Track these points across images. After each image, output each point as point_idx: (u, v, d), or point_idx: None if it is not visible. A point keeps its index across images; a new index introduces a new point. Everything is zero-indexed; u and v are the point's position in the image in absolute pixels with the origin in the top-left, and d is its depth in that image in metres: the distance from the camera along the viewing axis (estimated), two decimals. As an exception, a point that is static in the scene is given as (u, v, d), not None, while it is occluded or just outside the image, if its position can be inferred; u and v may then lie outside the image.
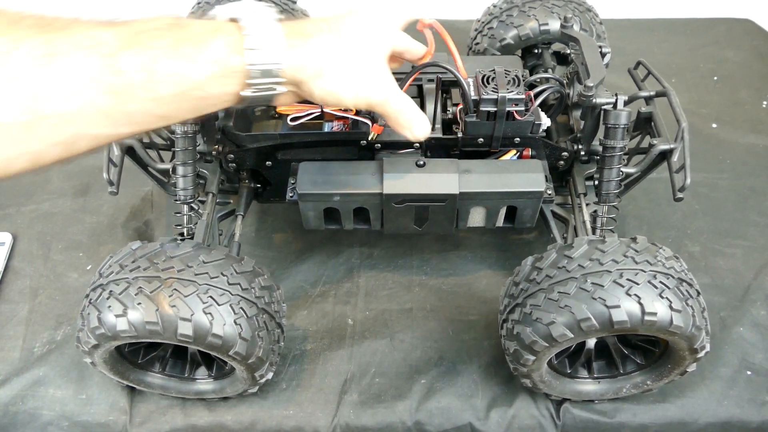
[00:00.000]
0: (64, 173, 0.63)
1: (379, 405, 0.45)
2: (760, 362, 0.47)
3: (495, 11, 0.59)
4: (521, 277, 0.38)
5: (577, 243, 0.37)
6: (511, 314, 0.39)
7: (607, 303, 0.34)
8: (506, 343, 0.40)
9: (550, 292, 0.35)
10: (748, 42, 0.79)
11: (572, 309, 0.34)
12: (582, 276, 0.35)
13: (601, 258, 0.35)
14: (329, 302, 0.51)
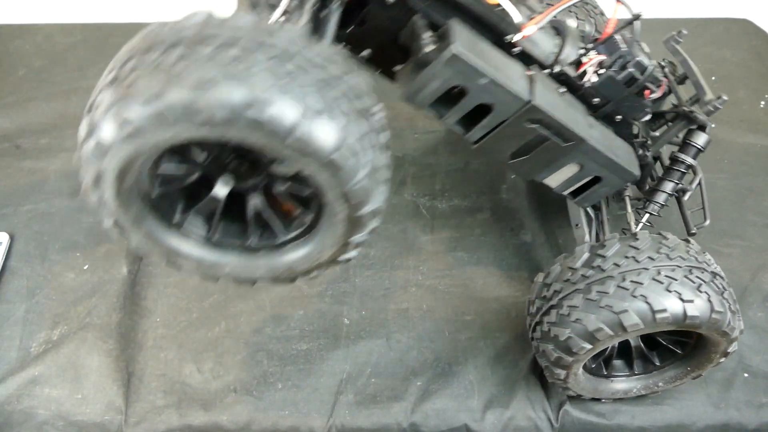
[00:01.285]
0: (61, 173, 0.63)
1: (374, 406, 0.45)
2: (758, 364, 0.47)
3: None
4: (552, 278, 0.38)
5: (608, 242, 0.36)
6: (545, 316, 0.38)
7: (649, 300, 0.33)
8: (541, 346, 0.39)
9: (588, 292, 0.35)
10: (746, 42, 0.79)
11: (613, 308, 0.33)
12: (619, 275, 0.34)
13: (637, 255, 0.35)
14: (325, 302, 0.51)
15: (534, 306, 0.40)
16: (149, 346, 0.49)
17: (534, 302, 0.40)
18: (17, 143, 0.66)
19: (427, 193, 0.59)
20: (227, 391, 0.46)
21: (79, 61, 0.77)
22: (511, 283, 0.52)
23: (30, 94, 0.71)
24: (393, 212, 0.58)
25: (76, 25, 0.82)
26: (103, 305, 0.50)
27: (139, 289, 0.53)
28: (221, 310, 0.51)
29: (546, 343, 0.38)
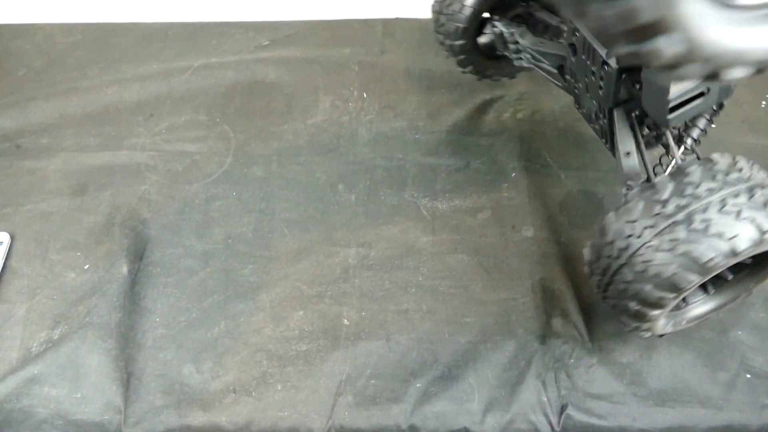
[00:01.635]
0: (61, 173, 0.63)
1: (374, 407, 0.45)
2: (760, 365, 0.47)
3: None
4: (636, 215, 0.34)
5: (690, 168, 0.34)
6: (636, 257, 0.33)
7: (757, 222, 0.31)
8: (631, 289, 0.35)
9: (690, 222, 0.32)
10: (747, 42, 0.78)
11: (724, 234, 0.31)
12: (719, 200, 0.32)
13: (725, 178, 0.33)
14: (325, 303, 0.51)
15: (613, 249, 0.36)
16: (149, 346, 0.49)
17: (612, 244, 0.36)
18: (17, 143, 0.67)
19: (427, 193, 0.59)
20: (226, 392, 0.46)
21: (79, 60, 0.77)
22: (512, 286, 0.52)
23: (30, 94, 0.71)
24: (393, 213, 0.58)
25: (76, 24, 0.82)
26: (103, 304, 0.50)
27: (138, 288, 0.53)
28: (221, 311, 0.51)
29: (641, 284, 0.34)
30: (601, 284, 0.39)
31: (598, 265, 0.38)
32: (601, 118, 0.45)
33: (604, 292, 0.39)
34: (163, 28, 0.82)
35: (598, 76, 0.41)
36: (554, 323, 0.49)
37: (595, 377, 0.46)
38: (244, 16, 0.83)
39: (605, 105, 0.43)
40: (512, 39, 0.49)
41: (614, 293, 0.37)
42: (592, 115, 0.46)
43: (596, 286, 0.40)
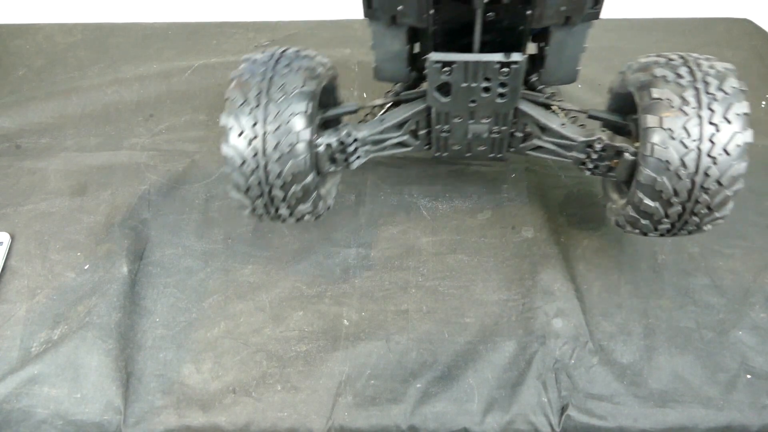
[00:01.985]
0: (61, 173, 0.63)
1: (373, 408, 0.45)
2: (761, 366, 0.47)
3: None
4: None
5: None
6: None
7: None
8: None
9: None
10: (746, 42, 0.78)
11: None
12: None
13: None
14: (325, 303, 0.51)
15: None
16: (148, 346, 0.49)
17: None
18: (17, 143, 0.66)
19: (428, 194, 0.59)
20: (226, 392, 0.46)
21: (79, 60, 0.77)
22: (511, 286, 0.52)
23: (30, 94, 0.71)
24: (394, 213, 0.58)
25: (76, 24, 0.82)
26: (103, 304, 0.50)
27: (138, 288, 0.53)
28: (220, 311, 0.51)
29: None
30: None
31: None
32: (500, 128, 0.45)
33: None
34: (163, 28, 0.82)
35: (496, 85, 0.41)
36: (554, 324, 0.49)
37: (595, 378, 0.46)
38: (244, 16, 0.83)
39: (510, 107, 0.43)
40: (349, 140, 0.45)
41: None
42: (484, 135, 0.46)
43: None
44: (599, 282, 0.53)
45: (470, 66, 0.40)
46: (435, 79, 0.41)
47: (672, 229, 0.42)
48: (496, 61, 0.39)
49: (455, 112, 0.44)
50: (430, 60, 0.40)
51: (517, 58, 0.39)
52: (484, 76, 0.41)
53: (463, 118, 0.45)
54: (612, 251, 0.55)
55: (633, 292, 0.52)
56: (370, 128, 0.47)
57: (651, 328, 0.49)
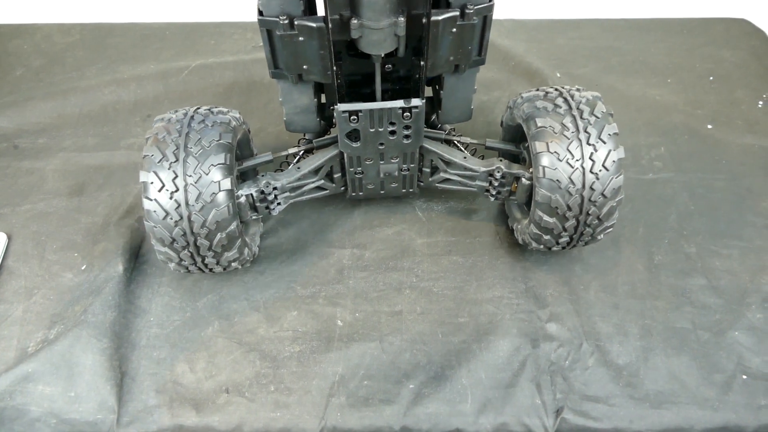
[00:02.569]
0: (59, 173, 0.63)
1: (366, 408, 0.45)
2: (757, 366, 0.47)
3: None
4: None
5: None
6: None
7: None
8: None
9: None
10: (744, 42, 0.78)
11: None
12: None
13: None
14: (319, 303, 0.51)
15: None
16: (142, 345, 0.49)
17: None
18: (15, 143, 0.67)
19: (423, 195, 0.59)
20: (219, 392, 0.46)
21: (77, 60, 0.77)
22: (506, 286, 0.52)
23: (28, 94, 0.72)
24: (389, 214, 0.58)
25: (74, 25, 0.82)
26: (99, 303, 0.50)
27: (134, 287, 0.53)
28: (214, 310, 0.51)
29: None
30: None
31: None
32: (409, 166, 0.49)
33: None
34: (160, 28, 0.82)
35: (401, 128, 0.45)
36: (549, 326, 0.49)
37: (591, 379, 0.46)
38: (241, 17, 0.83)
39: (416, 145, 0.47)
40: (268, 189, 0.48)
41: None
42: (395, 173, 0.50)
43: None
44: (596, 283, 0.52)
45: (375, 113, 0.44)
46: (344, 127, 0.45)
47: (571, 241, 0.48)
48: (398, 107, 0.43)
49: (366, 155, 0.48)
50: (337, 110, 0.43)
51: (416, 103, 0.44)
52: (389, 121, 0.45)
53: (374, 160, 0.49)
54: (608, 252, 0.54)
55: (629, 293, 0.51)
56: (287, 176, 0.50)
57: (647, 328, 0.49)
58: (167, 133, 0.44)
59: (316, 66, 0.42)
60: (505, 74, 0.73)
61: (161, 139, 0.43)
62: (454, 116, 0.50)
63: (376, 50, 0.39)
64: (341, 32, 0.39)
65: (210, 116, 0.46)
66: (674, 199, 0.59)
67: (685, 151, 0.64)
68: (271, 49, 0.42)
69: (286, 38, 0.40)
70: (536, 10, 0.84)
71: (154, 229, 0.43)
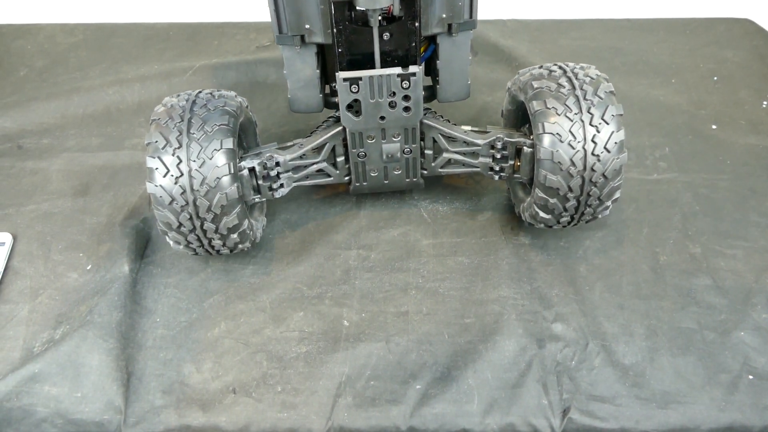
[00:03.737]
0: (63, 174, 0.63)
1: (373, 409, 0.45)
2: (763, 366, 0.47)
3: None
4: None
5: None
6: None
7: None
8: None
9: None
10: (747, 42, 0.78)
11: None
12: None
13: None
14: (325, 304, 0.51)
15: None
16: (149, 345, 0.49)
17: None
18: (19, 143, 0.67)
19: (428, 196, 0.59)
20: (226, 392, 0.46)
21: (80, 61, 0.77)
22: (512, 286, 0.52)
23: (31, 94, 0.72)
24: (394, 216, 0.58)
25: (77, 25, 0.83)
26: (104, 304, 0.50)
27: (139, 288, 0.53)
28: (221, 311, 0.51)
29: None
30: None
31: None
32: (411, 146, 0.50)
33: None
34: (164, 28, 0.82)
35: (400, 98, 0.46)
36: (555, 327, 0.49)
37: (597, 379, 0.46)
38: (245, 17, 0.83)
39: (416, 118, 0.48)
40: (271, 162, 0.48)
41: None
42: (397, 154, 0.50)
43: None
44: (600, 283, 0.52)
45: (374, 80, 0.45)
46: (345, 97, 0.46)
47: (572, 220, 0.48)
48: (396, 74, 0.45)
49: (367, 131, 0.48)
50: (339, 78, 0.45)
51: (414, 70, 0.45)
52: (388, 91, 0.46)
53: (376, 139, 0.49)
54: (613, 252, 0.54)
55: (634, 293, 0.51)
56: (290, 153, 0.50)
57: (653, 329, 0.49)
58: (170, 119, 0.44)
59: (317, 24, 0.43)
60: (508, 75, 0.73)
61: (164, 125, 0.44)
62: (453, 92, 0.50)
63: (372, 4, 0.40)
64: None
65: (212, 100, 0.46)
66: (678, 200, 0.59)
67: (688, 152, 0.64)
68: (276, 9, 0.43)
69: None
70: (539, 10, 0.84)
71: (160, 214, 0.44)
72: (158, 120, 0.44)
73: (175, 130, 0.43)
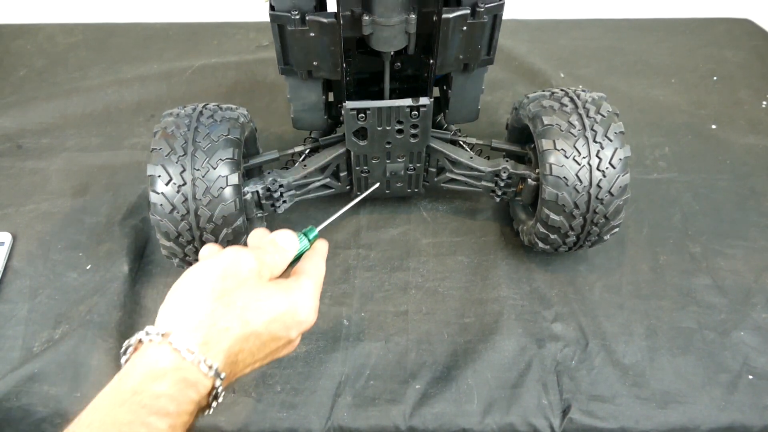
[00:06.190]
0: (63, 173, 0.63)
1: (373, 408, 0.45)
2: (762, 366, 0.47)
3: None
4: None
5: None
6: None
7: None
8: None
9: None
10: (747, 42, 0.78)
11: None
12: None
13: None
14: (325, 303, 0.51)
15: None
16: (148, 346, 0.49)
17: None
18: (19, 143, 0.67)
19: (428, 196, 0.59)
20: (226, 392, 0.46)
21: (80, 61, 0.77)
22: (510, 285, 0.52)
23: (31, 94, 0.72)
24: (394, 215, 0.58)
25: (77, 25, 0.83)
26: (104, 303, 0.50)
27: (139, 287, 0.52)
28: (221, 311, 0.51)
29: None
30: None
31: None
32: (415, 165, 0.49)
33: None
34: (163, 28, 0.82)
35: (408, 127, 0.45)
36: (554, 326, 0.49)
37: (597, 379, 0.46)
38: (244, 17, 0.83)
39: (422, 145, 0.47)
40: (275, 186, 0.48)
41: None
42: (401, 173, 0.50)
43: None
44: (600, 283, 0.52)
45: (383, 111, 0.44)
46: (352, 125, 0.45)
47: (578, 240, 0.47)
48: (406, 105, 0.43)
49: (373, 153, 0.48)
50: (346, 108, 0.43)
51: (424, 102, 0.43)
52: (397, 120, 0.44)
53: (381, 159, 0.48)
54: (613, 252, 0.54)
55: (634, 293, 0.51)
56: (293, 174, 0.49)
57: (653, 328, 0.49)
58: (176, 127, 0.44)
59: (326, 62, 0.42)
60: (508, 74, 0.74)
61: (170, 133, 0.43)
62: (461, 116, 0.50)
63: (387, 47, 0.39)
64: (352, 28, 0.38)
65: (218, 112, 0.46)
66: (678, 199, 0.59)
67: (688, 152, 0.64)
68: (282, 45, 0.42)
69: (297, 34, 0.40)
70: (539, 10, 0.84)
71: (160, 223, 0.43)
72: (165, 128, 0.44)
73: (180, 138, 0.43)
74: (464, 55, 0.43)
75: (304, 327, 0.32)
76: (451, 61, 0.43)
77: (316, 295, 0.33)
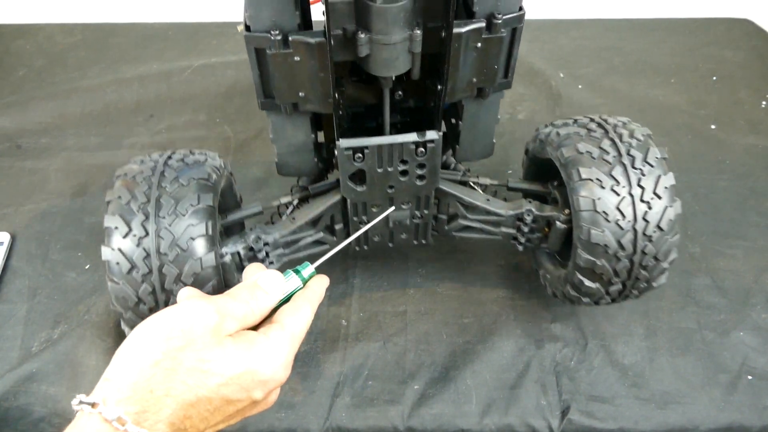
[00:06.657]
0: (62, 173, 0.63)
1: (371, 409, 0.44)
2: (762, 366, 0.47)
3: None
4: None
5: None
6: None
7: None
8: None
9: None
10: (747, 42, 0.78)
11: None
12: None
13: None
14: (323, 303, 0.51)
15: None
16: (147, 346, 0.49)
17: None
18: (18, 143, 0.67)
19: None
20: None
21: (79, 61, 0.77)
22: (511, 286, 0.52)
23: (30, 94, 0.72)
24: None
25: (76, 25, 0.83)
26: (102, 303, 0.50)
27: (138, 288, 0.53)
28: (219, 311, 0.51)
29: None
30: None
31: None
32: (423, 212, 0.41)
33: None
34: (163, 28, 0.82)
35: (413, 167, 0.37)
36: (553, 327, 0.49)
37: (597, 380, 0.46)
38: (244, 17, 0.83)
39: (431, 188, 0.39)
40: (258, 245, 0.39)
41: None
42: (406, 221, 0.41)
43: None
44: (599, 283, 0.52)
45: (384, 149, 0.36)
46: (347, 167, 0.37)
47: (623, 289, 0.40)
48: (411, 141, 0.35)
49: (373, 200, 0.39)
50: (339, 148, 0.35)
51: (432, 137, 0.35)
52: (400, 159, 0.36)
53: (382, 207, 0.40)
54: (612, 252, 0.55)
55: (633, 293, 0.52)
56: (280, 229, 0.41)
57: (652, 329, 0.49)
58: (139, 173, 0.36)
59: (315, 92, 0.34)
60: (507, 74, 0.73)
61: (132, 179, 0.36)
62: (474, 152, 0.41)
63: (387, 71, 0.31)
64: (345, 50, 0.31)
65: (189, 156, 0.38)
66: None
67: (688, 152, 0.64)
68: (261, 73, 0.34)
69: (279, 58, 0.32)
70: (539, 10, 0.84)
71: (115, 287, 0.34)
72: (125, 175, 0.36)
73: (143, 183, 0.35)
74: (478, 78, 0.35)
75: (270, 386, 0.28)
76: (463, 86, 0.35)
77: (289, 348, 0.28)
